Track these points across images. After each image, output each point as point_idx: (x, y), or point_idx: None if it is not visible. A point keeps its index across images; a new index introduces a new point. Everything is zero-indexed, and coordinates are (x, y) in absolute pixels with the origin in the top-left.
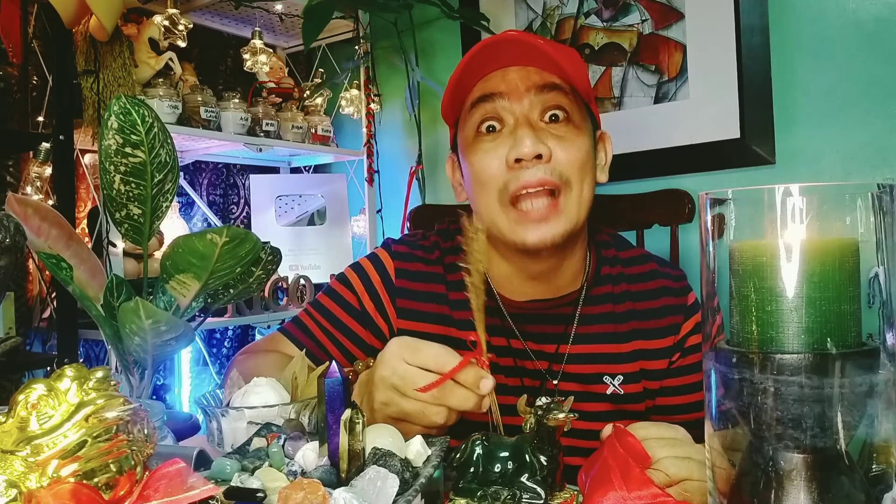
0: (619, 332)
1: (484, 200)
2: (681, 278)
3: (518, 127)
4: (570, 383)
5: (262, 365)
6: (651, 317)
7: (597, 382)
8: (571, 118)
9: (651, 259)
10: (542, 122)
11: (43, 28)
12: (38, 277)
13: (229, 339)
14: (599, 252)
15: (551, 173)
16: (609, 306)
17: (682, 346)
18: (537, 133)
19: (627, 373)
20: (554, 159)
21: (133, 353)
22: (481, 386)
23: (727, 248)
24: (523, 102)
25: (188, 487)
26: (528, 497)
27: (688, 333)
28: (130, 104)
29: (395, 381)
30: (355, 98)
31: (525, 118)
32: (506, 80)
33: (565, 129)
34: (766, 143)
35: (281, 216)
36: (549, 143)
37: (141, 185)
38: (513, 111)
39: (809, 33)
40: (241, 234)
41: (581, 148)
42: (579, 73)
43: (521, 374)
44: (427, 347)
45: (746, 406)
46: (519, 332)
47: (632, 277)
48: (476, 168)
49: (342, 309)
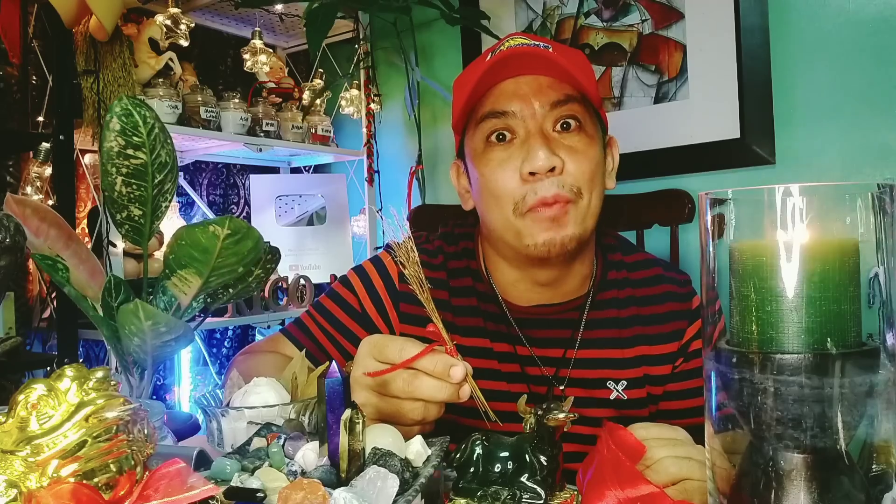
0: (624, 337)
1: (497, 211)
2: (686, 283)
3: (531, 138)
4: (575, 388)
5: (261, 365)
6: (655, 322)
7: (600, 388)
8: (584, 127)
9: (656, 263)
10: (553, 133)
11: (43, 28)
12: (38, 277)
13: (229, 339)
14: (606, 256)
15: (563, 187)
16: (614, 311)
17: (685, 351)
18: (550, 145)
19: (631, 378)
20: (566, 171)
21: (132, 354)
22: (452, 374)
23: (727, 248)
24: (536, 113)
25: (188, 487)
26: (528, 497)
27: (692, 338)
28: (132, 105)
29: (367, 382)
30: (355, 98)
31: (538, 129)
32: (518, 90)
33: (577, 139)
34: (766, 143)
35: (281, 216)
36: (561, 154)
37: (142, 186)
38: (525, 121)
39: (809, 33)
40: (243, 227)
41: (593, 158)
42: (590, 81)
43: (526, 380)
44: (392, 342)
45: (746, 406)
46: (524, 338)
47: (637, 282)
48: (488, 179)
49: (342, 310)
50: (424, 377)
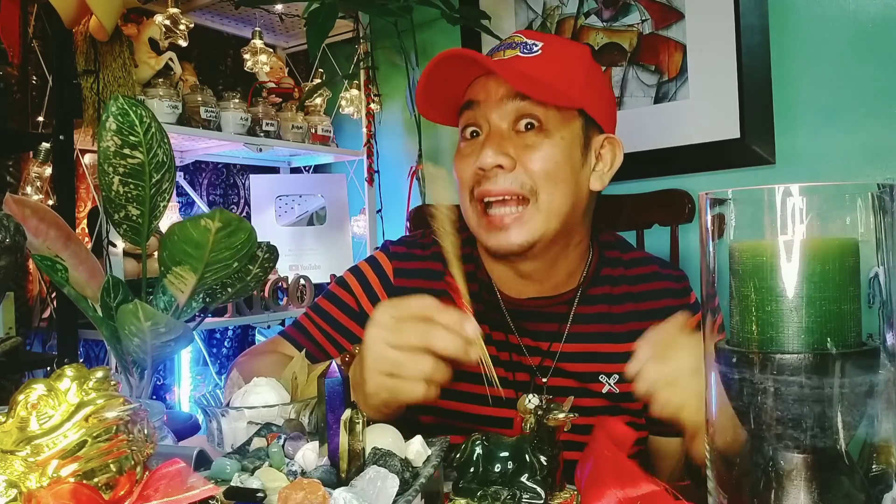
0: (617, 332)
1: (463, 202)
2: (682, 279)
3: (487, 136)
4: (566, 380)
5: (261, 365)
6: (652, 318)
7: (592, 381)
8: (544, 127)
9: (653, 261)
10: (513, 131)
11: (43, 28)
12: (38, 277)
13: (229, 339)
14: (602, 253)
15: (514, 182)
16: (605, 307)
17: None
18: (502, 143)
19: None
20: (520, 168)
21: (132, 354)
22: (465, 328)
23: (727, 248)
24: (496, 111)
25: (188, 487)
26: (528, 497)
27: None
28: (128, 105)
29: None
30: (355, 98)
31: (496, 127)
32: (485, 87)
33: (535, 138)
34: (766, 143)
35: (281, 216)
36: (515, 152)
37: (139, 185)
38: (488, 119)
39: (809, 33)
40: (233, 219)
41: (551, 158)
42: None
43: (515, 368)
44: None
45: (746, 406)
46: (516, 329)
47: (633, 279)
48: (457, 169)
49: (340, 311)
50: (441, 329)
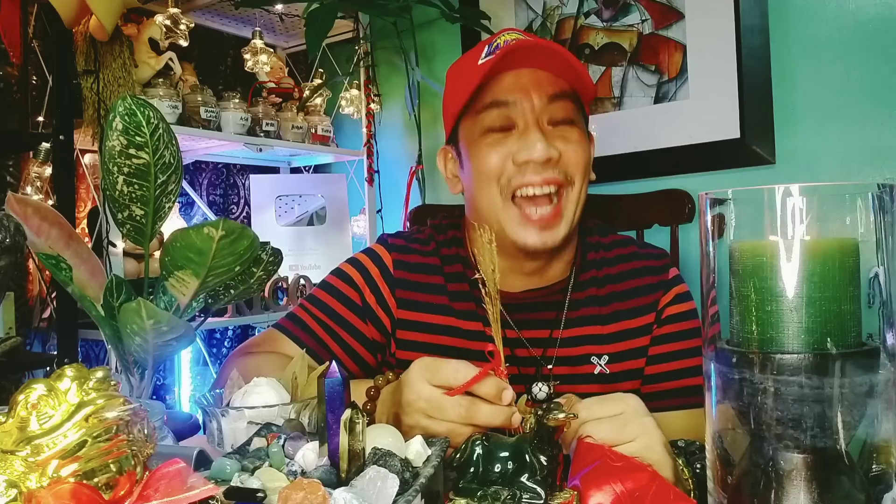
0: (603, 314)
1: (486, 194)
2: (662, 256)
3: (529, 129)
4: (562, 367)
5: (262, 365)
6: (632, 296)
7: (584, 364)
8: (576, 123)
9: (632, 242)
10: (549, 126)
11: (43, 28)
12: (38, 277)
13: (229, 339)
14: (584, 239)
15: (558, 171)
16: (593, 290)
17: (659, 318)
18: (547, 136)
19: (613, 353)
20: (563, 160)
21: (133, 354)
22: (503, 397)
23: (727, 248)
24: (535, 106)
25: (188, 487)
26: (528, 497)
27: (666, 304)
28: (136, 105)
29: (421, 405)
30: (355, 98)
31: (536, 122)
32: (518, 81)
33: (570, 131)
34: (766, 143)
35: (281, 216)
36: (558, 145)
37: (144, 186)
38: (524, 114)
39: (809, 33)
40: (237, 228)
41: (586, 150)
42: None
43: (515, 362)
44: (447, 365)
45: (746, 406)
46: (513, 322)
47: (612, 260)
48: (481, 161)
49: (343, 305)
50: (482, 404)
